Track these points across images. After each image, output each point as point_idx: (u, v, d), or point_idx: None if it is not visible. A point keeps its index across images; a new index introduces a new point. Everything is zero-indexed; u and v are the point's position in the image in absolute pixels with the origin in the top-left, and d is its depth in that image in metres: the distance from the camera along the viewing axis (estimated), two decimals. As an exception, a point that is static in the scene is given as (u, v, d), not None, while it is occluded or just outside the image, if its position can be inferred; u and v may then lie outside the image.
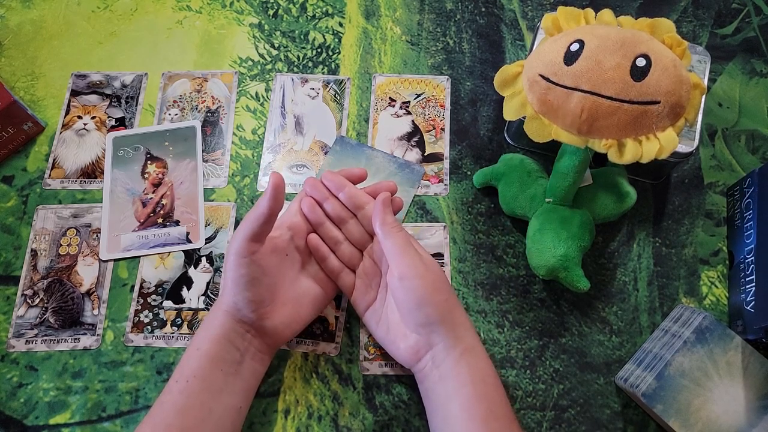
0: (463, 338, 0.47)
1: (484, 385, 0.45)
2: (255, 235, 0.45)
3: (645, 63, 0.45)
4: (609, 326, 0.56)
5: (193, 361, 0.45)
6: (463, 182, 0.62)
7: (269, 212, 0.45)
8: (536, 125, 0.49)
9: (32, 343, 0.55)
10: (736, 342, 0.50)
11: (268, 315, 0.47)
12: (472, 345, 0.47)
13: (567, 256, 0.53)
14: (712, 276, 0.58)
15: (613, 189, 0.55)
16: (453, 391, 0.45)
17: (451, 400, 0.45)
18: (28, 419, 0.53)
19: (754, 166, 0.61)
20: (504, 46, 0.68)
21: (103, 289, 0.57)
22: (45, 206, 0.60)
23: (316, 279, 0.51)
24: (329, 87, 0.66)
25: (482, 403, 0.44)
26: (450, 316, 0.47)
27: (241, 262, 0.45)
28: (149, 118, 0.64)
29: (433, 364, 0.47)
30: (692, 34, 0.69)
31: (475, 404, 0.44)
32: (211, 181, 0.62)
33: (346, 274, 0.51)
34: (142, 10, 0.70)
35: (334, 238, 0.51)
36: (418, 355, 0.47)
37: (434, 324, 0.46)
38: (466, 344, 0.46)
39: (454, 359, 0.46)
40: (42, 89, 0.66)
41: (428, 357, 0.47)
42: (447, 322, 0.46)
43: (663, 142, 0.46)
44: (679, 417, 0.48)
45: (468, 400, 0.44)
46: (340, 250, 0.51)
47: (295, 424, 0.53)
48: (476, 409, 0.44)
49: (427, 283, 0.46)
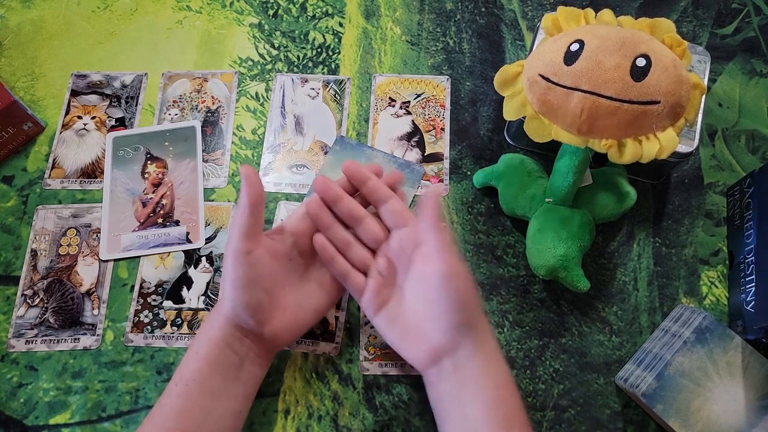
0: (487, 342, 0.46)
1: (504, 390, 0.45)
2: (246, 231, 0.45)
3: (645, 63, 0.45)
4: (609, 326, 0.56)
5: (192, 364, 0.45)
6: (463, 182, 0.62)
7: (251, 203, 0.44)
8: (536, 125, 0.49)
9: (32, 343, 0.55)
10: (736, 342, 0.50)
11: (267, 320, 0.46)
12: (494, 350, 0.46)
13: (567, 256, 0.53)
14: (712, 276, 0.58)
15: (613, 189, 0.55)
16: (473, 396, 0.44)
17: (471, 404, 0.44)
18: (28, 419, 0.53)
19: (754, 166, 0.61)
20: (504, 46, 0.68)
21: (103, 289, 0.57)
22: (45, 206, 0.60)
23: (319, 284, 0.50)
24: (329, 87, 0.66)
25: (501, 409, 0.44)
26: (477, 320, 0.46)
27: (238, 262, 0.45)
28: (149, 118, 0.64)
29: (454, 367, 0.45)
30: (692, 34, 0.69)
31: (495, 409, 0.44)
32: (211, 181, 0.62)
33: (355, 275, 0.49)
34: (142, 10, 0.70)
35: (345, 240, 0.49)
36: (438, 357, 0.45)
37: (466, 326, 0.45)
38: (489, 349, 0.46)
39: (478, 363, 0.45)
40: (42, 89, 0.66)
41: (449, 359, 0.45)
42: (475, 326, 0.45)
43: (663, 142, 0.46)
44: (679, 417, 0.48)
45: (489, 405, 0.44)
46: (351, 252, 0.49)
47: (295, 424, 0.53)
48: (496, 415, 0.44)
49: (468, 285, 0.45)
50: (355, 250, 0.49)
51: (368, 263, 0.49)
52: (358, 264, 0.49)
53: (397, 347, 0.48)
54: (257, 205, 0.45)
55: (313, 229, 0.50)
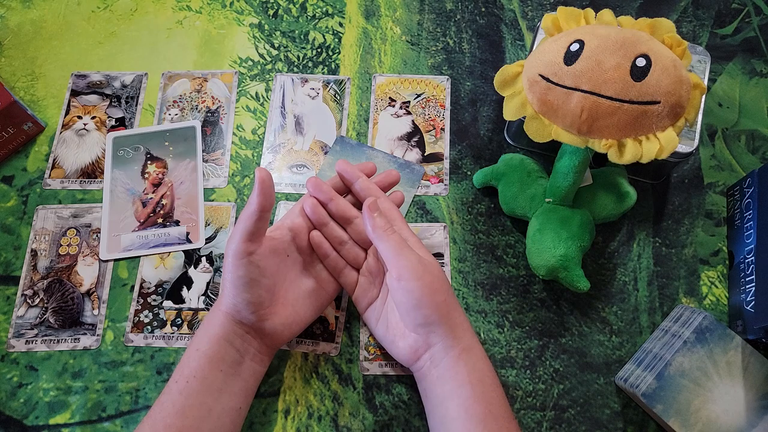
0: (461, 338, 0.46)
1: (483, 385, 0.45)
2: (250, 234, 0.45)
3: (645, 63, 0.45)
4: (609, 326, 0.56)
5: (192, 361, 0.45)
6: (463, 182, 0.62)
7: (260, 208, 0.44)
8: (536, 125, 0.49)
9: (32, 343, 0.55)
10: (736, 342, 0.50)
11: (267, 316, 0.47)
12: (470, 345, 0.47)
13: (567, 256, 0.53)
14: (712, 276, 0.58)
15: (613, 189, 0.55)
16: (451, 391, 0.45)
17: (449, 400, 0.45)
18: (28, 419, 0.53)
19: (754, 166, 0.61)
20: (504, 46, 0.68)
21: (103, 289, 0.57)
22: (45, 206, 0.60)
23: (317, 280, 0.51)
24: (329, 87, 0.66)
25: (480, 404, 0.44)
26: (448, 317, 0.46)
27: (239, 263, 0.45)
28: (149, 118, 0.64)
29: (432, 363, 0.47)
30: (692, 34, 0.69)
31: (473, 404, 0.44)
32: (211, 181, 0.62)
33: (349, 271, 0.51)
34: (142, 10, 0.70)
35: (338, 238, 0.51)
36: (416, 354, 0.47)
37: (432, 325, 0.46)
38: (464, 344, 0.46)
39: (452, 359, 0.46)
40: (42, 89, 0.66)
41: (427, 356, 0.47)
42: (445, 323, 0.46)
43: (663, 142, 0.46)
44: (679, 417, 0.48)
45: (466, 400, 0.44)
46: (345, 249, 0.51)
47: (295, 424, 0.53)
48: (474, 410, 0.44)
49: (424, 285, 0.45)
50: (348, 247, 0.51)
51: (361, 261, 0.51)
52: (351, 261, 0.52)
53: (383, 343, 0.51)
54: (265, 211, 0.45)
55: (311, 226, 0.51)
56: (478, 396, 0.45)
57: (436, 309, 0.46)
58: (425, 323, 0.46)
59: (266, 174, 0.44)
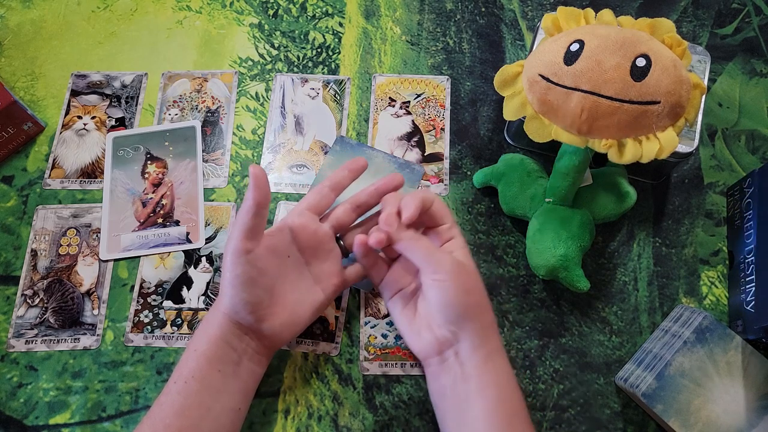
0: (490, 340, 0.46)
1: (508, 388, 0.46)
2: (248, 231, 0.45)
3: (645, 63, 0.45)
4: (609, 326, 0.56)
5: (191, 361, 0.45)
6: (463, 182, 0.62)
7: (256, 204, 0.44)
8: (536, 125, 0.49)
9: (32, 343, 0.55)
10: (736, 342, 0.50)
11: (266, 317, 0.47)
12: (497, 348, 0.47)
13: (567, 256, 0.52)
14: (712, 276, 0.58)
15: (613, 189, 0.55)
16: (477, 392, 0.45)
17: (474, 399, 0.45)
18: (28, 419, 0.53)
19: (754, 166, 0.61)
20: (504, 46, 0.68)
21: (103, 289, 0.57)
22: (45, 206, 0.60)
23: (317, 281, 0.50)
24: (329, 87, 0.66)
25: (505, 407, 0.45)
26: (480, 317, 0.46)
27: (238, 261, 0.45)
28: (149, 118, 0.64)
29: (457, 360, 0.46)
30: (692, 34, 0.69)
31: (498, 407, 0.45)
32: (211, 181, 0.62)
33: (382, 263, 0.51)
34: (141, 10, 0.70)
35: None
36: (440, 348, 0.47)
37: (463, 323, 0.46)
38: (492, 346, 0.46)
39: (480, 359, 0.46)
40: (42, 89, 0.66)
41: (451, 352, 0.47)
42: (476, 323, 0.46)
43: (663, 142, 0.46)
44: (679, 417, 0.48)
45: (492, 402, 0.45)
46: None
47: (295, 424, 0.53)
48: (499, 412, 0.44)
49: (458, 284, 0.45)
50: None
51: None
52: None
53: (403, 332, 0.50)
54: (262, 207, 0.45)
55: (312, 225, 0.50)
56: (503, 399, 0.45)
57: (468, 309, 0.46)
58: (456, 321, 0.46)
59: (260, 170, 0.44)
